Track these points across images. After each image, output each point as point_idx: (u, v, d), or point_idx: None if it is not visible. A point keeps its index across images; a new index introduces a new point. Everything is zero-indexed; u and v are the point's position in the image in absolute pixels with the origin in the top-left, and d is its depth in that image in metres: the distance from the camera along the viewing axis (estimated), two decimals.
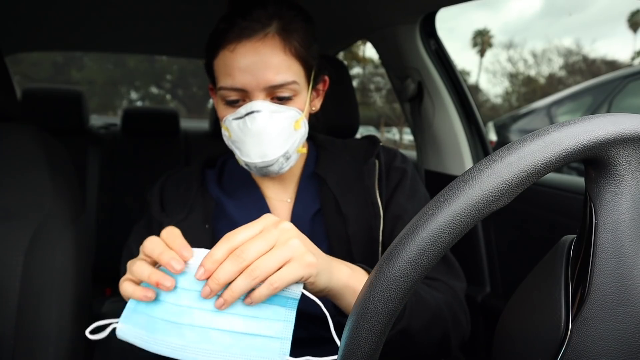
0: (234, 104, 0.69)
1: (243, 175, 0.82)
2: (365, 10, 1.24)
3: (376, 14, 1.27)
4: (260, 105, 0.66)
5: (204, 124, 2.41)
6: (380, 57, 1.52)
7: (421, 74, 1.36)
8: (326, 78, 0.80)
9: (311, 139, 0.87)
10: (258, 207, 0.79)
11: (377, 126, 23.81)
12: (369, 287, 0.33)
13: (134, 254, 0.73)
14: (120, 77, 27.32)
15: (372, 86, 26.17)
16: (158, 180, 0.82)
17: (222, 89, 0.69)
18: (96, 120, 2.43)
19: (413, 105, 1.46)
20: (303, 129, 0.73)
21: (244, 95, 0.68)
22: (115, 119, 2.43)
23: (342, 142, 0.87)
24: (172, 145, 2.09)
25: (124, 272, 0.73)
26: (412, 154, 1.71)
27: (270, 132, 0.67)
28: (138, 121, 2.09)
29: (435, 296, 0.71)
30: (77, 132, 1.94)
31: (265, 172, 0.71)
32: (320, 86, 0.79)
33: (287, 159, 0.71)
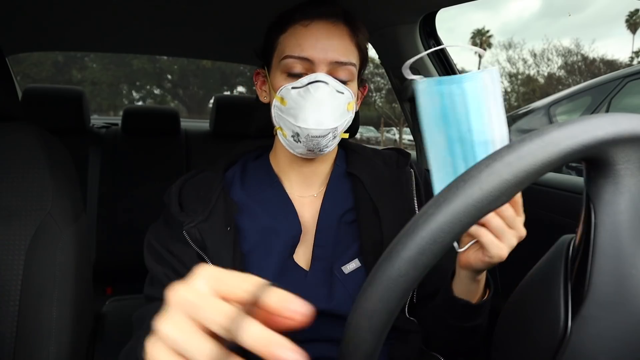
0: (295, 76, 0.73)
1: (265, 174, 0.83)
2: (365, 10, 1.24)
3: (376, 14, 1.27)
4: (326, 77, 0.71)
5: (204, 124, 2.41)
6: (380, 57, 1.52)
7: (421, 74, 1.36)
8: (366, 85, 0.85)
9: None
10: (282, 202, 0.80)
11: (377, 126, 23.77)
12: (369, 287, 0.33)
13: (155, 249, 0.73)
14: (122, 77, 27.25)
15: (372, 86, 26.16)
16: (174, 184, 0.81)
17: (287, 57, 0.73)
18: (97, 121, 2.42)
19: (413, 105, 1.46)
20: (351, 114, 0.77)
21: (308, 68, 0.72)
22: (116, 119, 2.43)
23: (371, 148, 0.91)
24: (172, 145, 2.09)
25: (156, 275, 0.71)
26: (412, 154, 1.71)
27: (330, 103, 0.71)
28: (138, 121, 2.09)
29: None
30: (78, 132, 1.94)
31: (315, 143, 0.72)
32: (361, 90, 0.84)
33: (334, 137, 0.74)
